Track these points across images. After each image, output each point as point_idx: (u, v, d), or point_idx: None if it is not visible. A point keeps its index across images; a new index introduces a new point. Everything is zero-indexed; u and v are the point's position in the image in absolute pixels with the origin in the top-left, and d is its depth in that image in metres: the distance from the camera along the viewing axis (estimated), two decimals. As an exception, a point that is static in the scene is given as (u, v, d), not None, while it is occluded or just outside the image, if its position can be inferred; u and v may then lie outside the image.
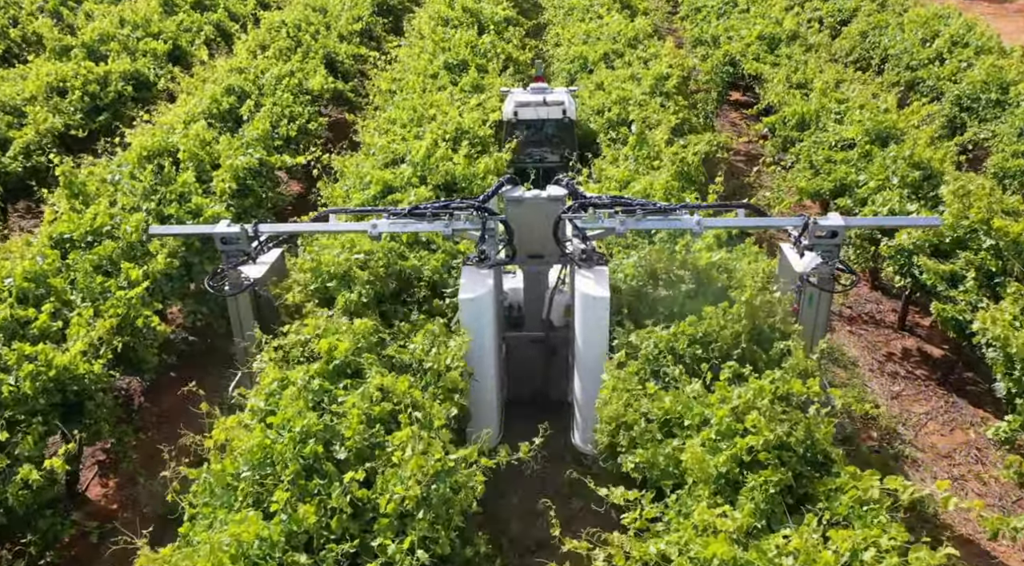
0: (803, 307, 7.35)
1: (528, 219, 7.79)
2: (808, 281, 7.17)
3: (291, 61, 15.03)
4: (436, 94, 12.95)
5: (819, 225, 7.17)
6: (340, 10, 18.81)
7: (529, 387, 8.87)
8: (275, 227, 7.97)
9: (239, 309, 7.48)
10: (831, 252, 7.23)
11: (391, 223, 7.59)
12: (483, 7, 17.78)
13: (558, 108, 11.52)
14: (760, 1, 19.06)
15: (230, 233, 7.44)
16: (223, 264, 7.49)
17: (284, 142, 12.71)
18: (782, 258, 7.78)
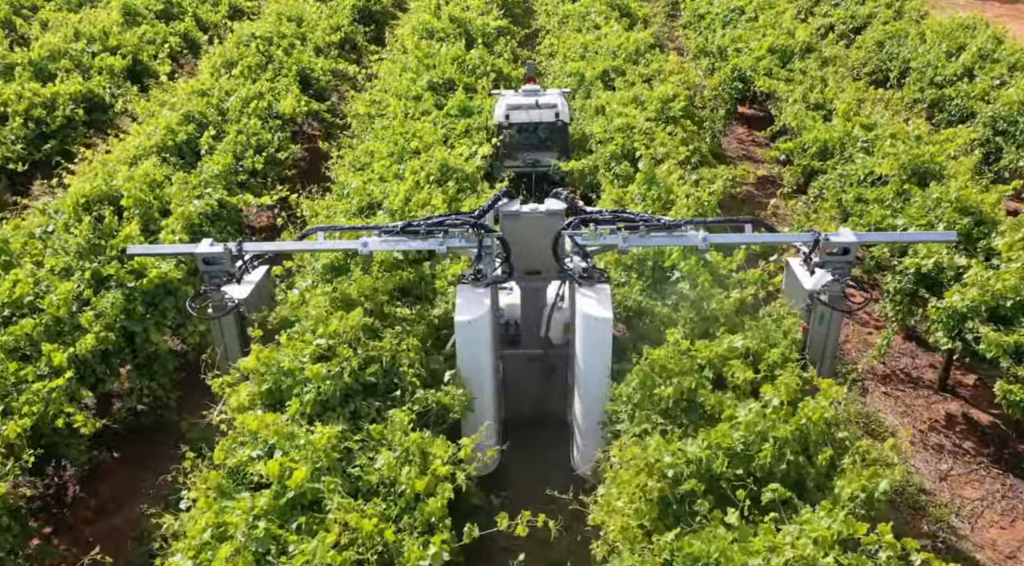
0: (813, 326, 7.10)
1: (525, 234, 7.51)
2: (819, 299, 6.91)
3: (260, 80, 13.68)
4: (419, 123, 11.62)
5: (830, 242, 6.89)
6: (317, 19, 17.43)
7: (527, 405, 8.57)
8: (261, 246, 7.61)
9: (223, 333, 7.19)
10: (842, 269, 6.94)
11: (382, 241, 7.24)
12: (471, 17, 16.43)
13: (551, 111, 11.17)
14: (768, 9, 17.76)
15: (212, 253, 7.07)
16: (205, 285, 7.17)
17: (250, 175, 11.39)
18: (789, 273, 7.54)
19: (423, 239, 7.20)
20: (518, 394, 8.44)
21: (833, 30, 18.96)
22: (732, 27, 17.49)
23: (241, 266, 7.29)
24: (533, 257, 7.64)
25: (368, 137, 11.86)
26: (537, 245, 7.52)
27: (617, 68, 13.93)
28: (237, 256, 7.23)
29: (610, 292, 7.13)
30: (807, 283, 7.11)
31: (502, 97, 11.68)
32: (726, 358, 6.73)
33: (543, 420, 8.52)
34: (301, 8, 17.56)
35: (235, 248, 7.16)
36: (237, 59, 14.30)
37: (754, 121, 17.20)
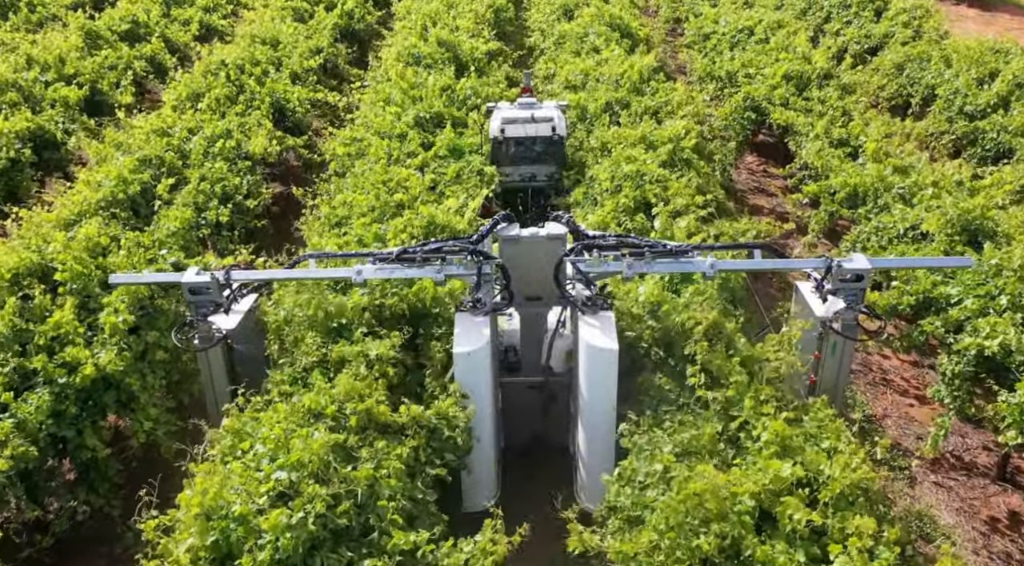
0: (825, 356, 6.90)
1: (526, 259, 7.30)
2: (831, 328, 6.75)
3: (229, 115, 12.40)
4: (404, 169, 10.38)
5: (843, 268, 6.70)
6: (295, 41, 16.14)
7: (527, 433, 8.32)
8: (250, 274, 7.32)
9: (210, 365, 6.95)
10: (856, 297, 6.74)
11: (377, 269, 6.97)
12: (461, 40, 15.18)
13: (547, 125, 10.88)
14: (779, 29, 16.58)
15: (199, 283, 6.82)
16: (192, 315, 6.93)
17: (213, 229, 10.12)
18: (798, 298, 7.30)
19: (420, 267, 6.94)
20: (518, 422, 8.13)
21: (847, 50, 17.82)
22: (741, 49, 16.30)
23: (229, 295, 7.00)
24: (534, 282, 7.40)
25: (347, 182, 10.60)
26: (538, 270, 7.29)
27: (621, 100, 12.72)
28: (225, 285, 6.95)
29: (614, 320, 6.83)
30: (818, 310, 6.90)
31: (498, 110, 11.23)
32: (775, 493, 5.52)
33: (544, 448, 8.29)
34: (277, 30, 16.28)
35: (223, 277, 6.89)
36: (205, 90, 13.00)
37: (764, 147, 16.00)
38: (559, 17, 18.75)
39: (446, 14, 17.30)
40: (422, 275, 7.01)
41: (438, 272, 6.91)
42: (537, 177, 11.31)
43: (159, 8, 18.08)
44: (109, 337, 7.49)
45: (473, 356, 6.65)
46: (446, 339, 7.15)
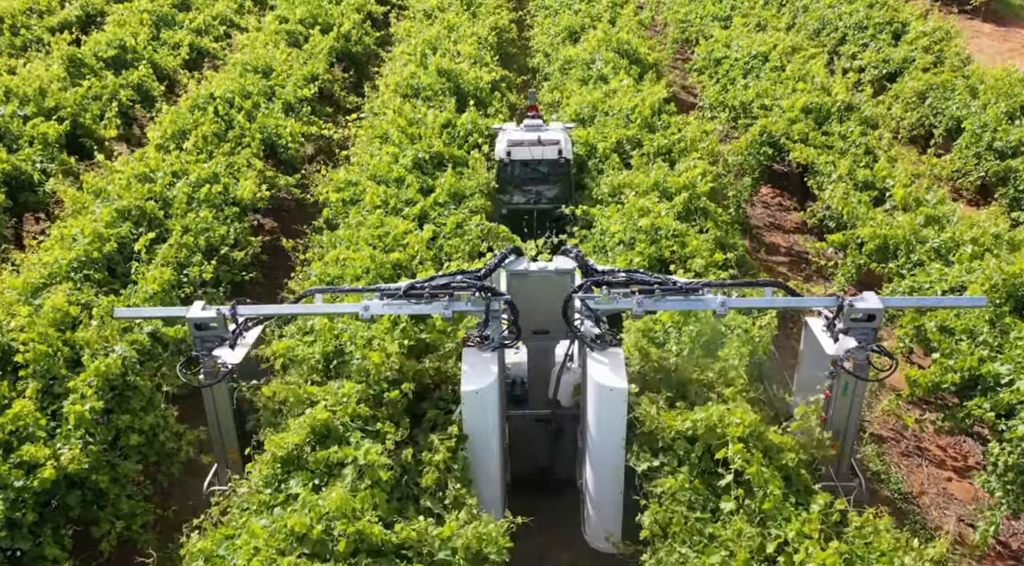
0: (836, 396, 6.86)
1: (533, 294, 7.18)
2: (843, 368, 6.71)
3: (217, 155, 11.69)
4: (401, 222, 9.67)
5: (855, 308, 6.64)
6: (289, 69, 15.41)
7: (534, 466, 8.23)
8: (256, 309, 7.21)
9: (215, 400, 6.86)
10: (867, 336, 6.68)
11: (385, 305, 6.88)
12: (462, 70, 14.45)
13: (553, 148, 10.92)
14: (793, 53, 15.85)
15: (205, 318, 6.71)
16: (197, 350, 6.81)
17: (197, 288, 9.41)
18: (808, 335, 7.25)
19: (427, 302, 6.84)
20: (525, 455, 8.05)
21: (863, 74, 17.11)
22: (755, 77, 15.57)
23: (235, 330, 6.89)
24: (541, 317, 7.26)
25: (340, 235, 9.88)
26: (545, 305, 7.16)
27: (632, 138, 12.00)
28: (231, 320, 6.84)
29: (623, 357, 6.78)
30: (829, 348, 6.88)
31: (503, 132, 11.29)
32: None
33: (550, 481, 8.26)
34: (270, 57, 15.54)
35: (229, 312, 6.79)
36: (191, 127, 12.27)
37: (778, 177, 15.24)
38: (564, 39, 18.03)
39: (447, 39, 16.58)
40: (430, 311, 6.92)
41: (446, 308, 6.82)
42: (543, 199, 11.27)
43: (148, 31, 17.34)
44: (74, 428, 6.77)
45: (481, 394, 6.55)
46: (448, 425, 6.71)
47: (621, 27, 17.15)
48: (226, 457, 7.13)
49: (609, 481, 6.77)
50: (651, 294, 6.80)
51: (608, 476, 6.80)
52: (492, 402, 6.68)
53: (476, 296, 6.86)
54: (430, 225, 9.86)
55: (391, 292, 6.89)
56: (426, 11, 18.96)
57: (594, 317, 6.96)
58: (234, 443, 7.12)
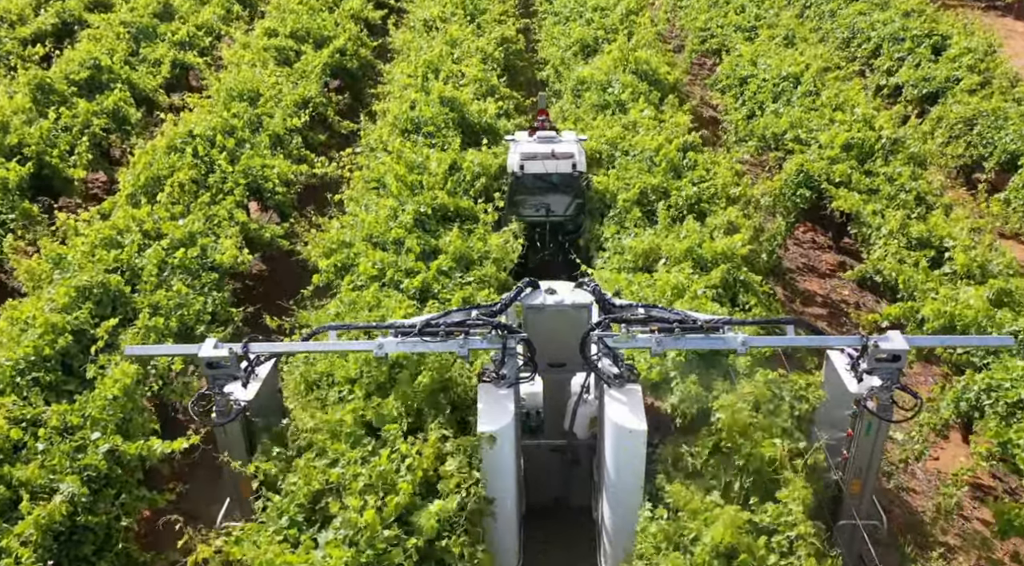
0: (859, 436, 6.74)
1: (550, 327, 7.18)
2: (866, 408, 6.58)
3: (194, 210, 10.47)
4: (400, 299, 8.46)
5: (880, 348, 6.49)
6: (278, 93, 14.13)
7: (549, 495, 8.23)
8: (268, 347, 7.12)
9: (228, 438, 6.73)
10: (892, 376, 6.55)
11: (399, 342, 6.77)
12: (466, 99, 13.16)
13: (567, 162, 10.70)
14: (826, 74, 14.52)
15: (217, 357, 6.63)
16: (209, 388, 6.72)
17: (166, 384, 8.24)
18: (830, 370, 7.09)
19: (442, 341, 6.71)
20: (539, 484, 7.98)
21: (901, 95, 15.81)
22: (786, 102, 14.27)
23: (247, 368, 6.77)
24: (558, 350, 7.26)
25: (331, 312, 8.68)
26: (562, 338, 7.14)
27: (658, 187, 10.74)
28: (243, 357, 6.73)
29: (641, 394, 6.67)
30: (852, 387, 6.74)
31: (516, 144, 11.09)
32: None
33: (565, 510, 8.26)
34: (258, 80, 14.24)
35: (241, 349, 6.70)
36: (167, 173, 11.03)
37: (817, 216, 13.96)
38: (576, 53, 16.72)
39: (448, 57, 15.27)
40: (445, 349, 6.76)
41: (461, 347, 6.68)
42: (556, 212, 11.09)
43: (126, 47, 16.01)
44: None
45: (498, 434, 6.46)
46: None
47: (638, 42, 15.83)
48: (239, 493, 6.95)
49: (627, 520, 6.64)
50: (671, 332, 6.64)
51: (626, 515, 6.68)
52: (509, 441, 6.59)
53: (492, 334, 6.72)
54: (433, 303, 8.66)
55: (406, 330, 6.72)
56: (426, 21, 17.61)
57: (612, 355, 6.77)
58: (247, 479, 6.76)
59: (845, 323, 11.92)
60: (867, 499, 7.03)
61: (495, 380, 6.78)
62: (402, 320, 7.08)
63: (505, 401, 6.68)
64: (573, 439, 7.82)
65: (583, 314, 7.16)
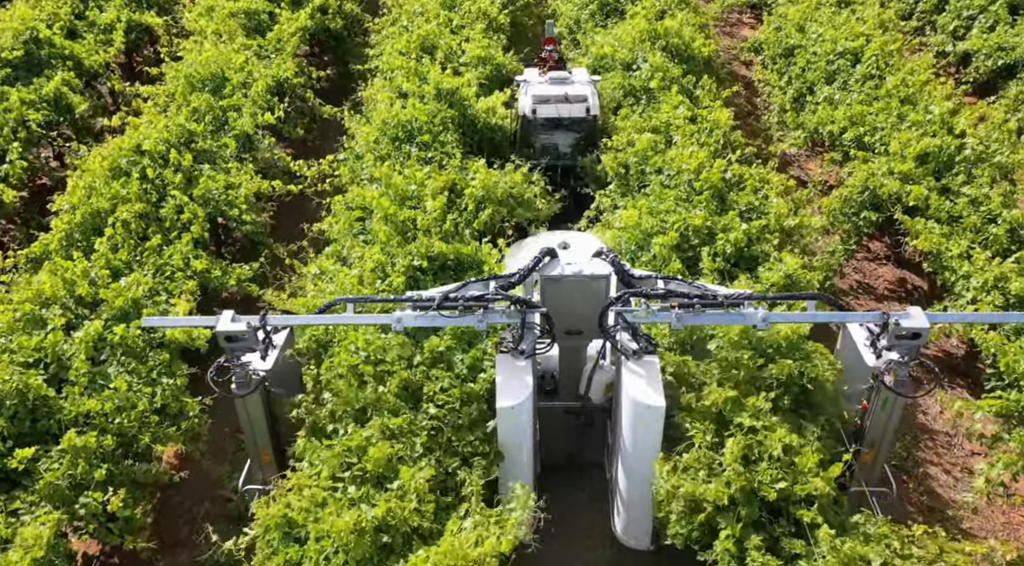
0: (874, 410, 6.71)
1: (567, 297, 7.11)
2: (883, 383, 6.52)
3: (144, 262, 8.68)
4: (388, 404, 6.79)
5: (901, 326, 6.34)
6: (248, 76, 12.03)
7: (563, 453, 8.31)
8: (285, 319, 7.13)
9: (248, 408, 6.79)
10: (911, 352, 6.45)
11: (417, 316, 6.71)
12: (468, 94, 11.11)
13: (581, 105, 10.70)
14: (889, 56, 12.35)
15: (235, 331, 6.48)
16: (227, 359, 6.64)
17: (99, 525, 6.65)
18: (847, 340, 7.09)
19: (461, 314, 6.71)
20: (554, 442, 8.04)
21: (969, 67, 13.65)
22: (841, 85, 12.16)
23: (265, 339, 6.75)
24: (575, 318, 7.26)
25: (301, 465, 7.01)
26: (579, 307, 7.15)
27: (700, 229, 8.86)
28: (260, 328, 6.67)
29: (659, 367, 6.72)
30: (870, 360, 6.74)
31: (527, 84, 10.94)
32: None
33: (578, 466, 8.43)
34: (224, 59, 12.10)
35: (258, 322, 6.61)
36: (108, 210, 9.16)
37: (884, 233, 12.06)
38: (593, 13, 14.47)
39: (446, 28, 13.08)
40: (463, 323, 6.82)
41: (480, 321, 6.71)
42: (568, 156, 11.01)
43: (68, 9, 13.73)
44: None
45: (516, 409, 6.58)
46: None
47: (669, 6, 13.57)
48: (259, 459, 7.12)
49: (642, 488, 6.81)
50: (691, 307, 6.61)
51: (641, 486, 6.82)
52: (527, 413, 6.70)
53: (512, 309, 6.72)
54: (427, 407, 6.96)
55: (424, 303, 6.67)
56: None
57: (631, 329, 6.76)
58: (267, 446, 7.06)
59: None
60: (879, 468, 7.06)
61: (513, 351, 6.79)
62: (420, 292, 6.91)
63: (523, 374, 6.72)
64: (588, 402, 7.86)
65: (601, 285, 7.09)
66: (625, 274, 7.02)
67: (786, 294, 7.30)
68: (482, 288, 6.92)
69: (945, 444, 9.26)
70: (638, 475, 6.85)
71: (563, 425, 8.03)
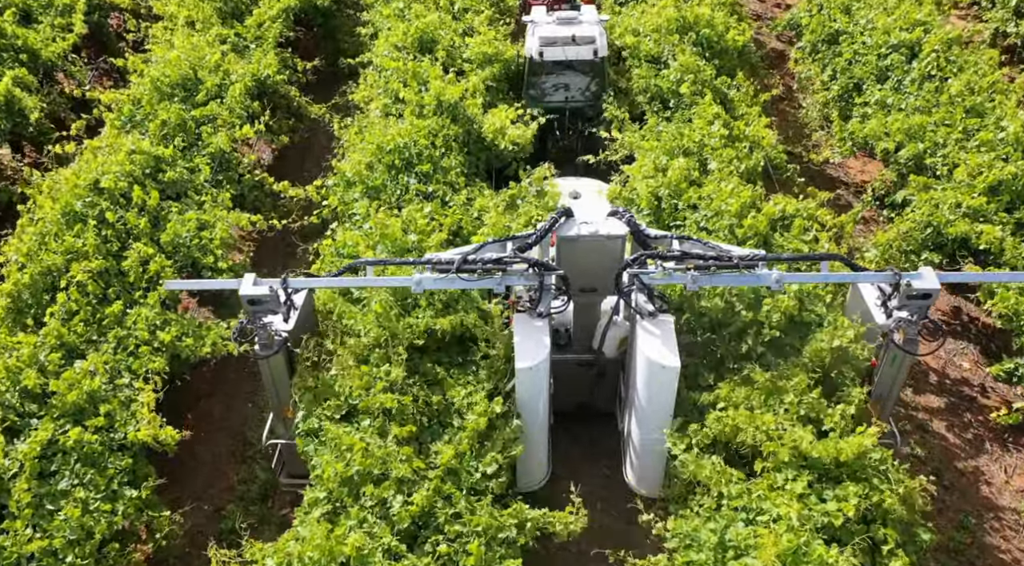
0: (883, 366, 6.89)
1: (583, 257, 7.28)
2: (892, 341, 6.67)
3: (107, 335, 7.53)
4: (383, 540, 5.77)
5: (913, 287, 6.44)
6: (224, 76, 10.62)
7: (575, 401, 8.41)
8: (307, 282, 7.08)
9: (271, 367, 6.93)
10: (920, 311, 6.56)
11: (436, 279, 6.80)
12: (475, 109, 9.74)
13: (588, 47, 10.53)
14: (953, 52, 10.86)
15: (258, 295, 6.57)
16: (248, 320, 6.74)
17: None
18: (855, 300, 7.20)
19: (480, 278, 6.78)
20: (566, 392, 7.97)
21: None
22: (894, 87, 10.75)
23: (286, 302, 6.80)
24: (590, 277, 7.43)
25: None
26: (594, 266, 7.31)
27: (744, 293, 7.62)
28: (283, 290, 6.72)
29: (673, 326, 6.81)
30: (880, 318, 6.82)
31: (534, 24, 10.80)
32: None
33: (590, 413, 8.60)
34: (199, 57, 10.66)
35: (280, 285, 6.68)
36: (61, 265, 7.95)
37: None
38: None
39: (448, 13, 11.57)
40: (482, 286, 6.85)
41: (498, 284, 6.80)
42: (576, 97, 10.95)
43: (22, -10, 12.19)
44: None
45: (534, 369, 6.67)
46: None
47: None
48: (281, 414, 7.24)
49: (656, 444, 6.96)
50: (707, 270, 6.68)
51: (655, 441, 6.95)
52: (544, 373, 6.82)
53: (530, 272, 6.83)
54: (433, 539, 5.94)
55: (443, 267, 6.72)
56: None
57: (647, 290, 6.84)
58: (288, 402, 7.10)
59: (969, 423, 9.19)
60: (885, 419, 7.08)
61: (530, 310, 6.88)
62: (439, 254, 6.97)
63: (540, 334, 6.81)
64: (601, 356, 7.92)
65: (617, 244, 7.22)
66: (641, 234, 7.07)
67: (802, 255, 7.40)
68: (499, 249, 7.02)
69: (1014, 524, 8.28)
70: (652, 430, 7.01)
71: (576, 376, 8.16)
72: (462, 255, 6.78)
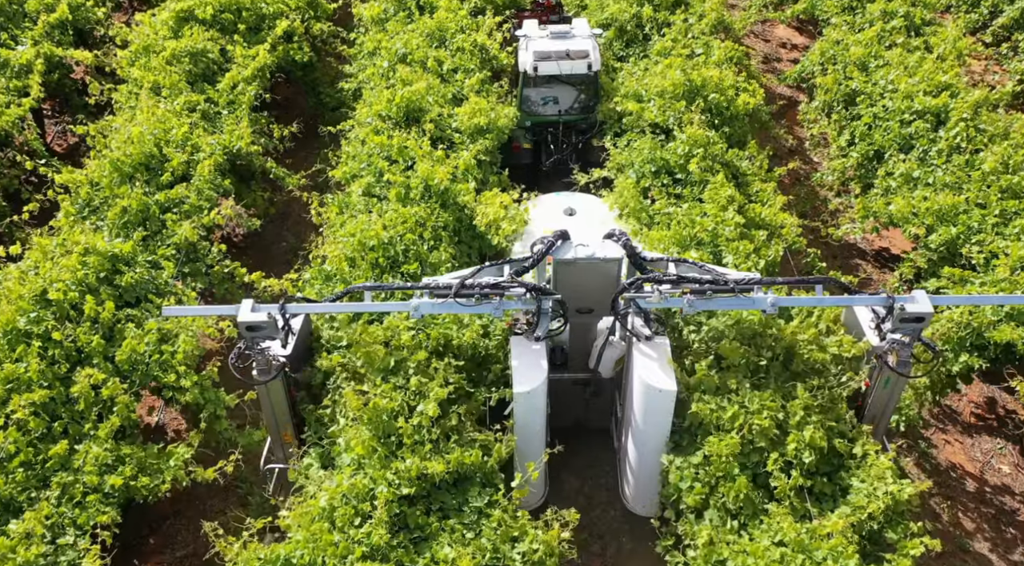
0: (876, 388, 6.88)
1: (579, 279, 7.40)
2: (886, 364, 6.68)
3: (50, 484, 6.62)
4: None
5: (906, 311, 6.45)
6: (193, 151, 9.75)
7: (571, 417, 8.56)
8: (305, 307, 7.16)
9: (269, 392, 6.89)
10: (913, 334, 6.59)
11: (434, 303, 6.82)
12: (468, 196, 8.88)
13: (583, 62, 10.56)
14: (981, 118, 10.04)
15: (256, 321, 6.53)
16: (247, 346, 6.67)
17: None
18: (850, 321, 7.23)
19: (478, 302, 6.78)
20: (562, 409, 8.01)
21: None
22: (919, 157, 9.92)
23: (284, 327, 6.76)
24: (586, 298, 7.52)
25: None
26: (591, 288, 7.41)
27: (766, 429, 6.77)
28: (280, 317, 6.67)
29: (670, 348, 6.92)
30: (873, 339, 6.89)
31: (527, 39, 10.87)
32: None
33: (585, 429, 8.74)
34: (165, 130, 9.77)
35: (278, 310, 6.65)
36: (1, 398, 7.06)
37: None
38: (611, 40, 12.06)
39: (435, 76, 10.70)
40: (480, 311, 6.86)
41: (496, 309, 6.79)
42: (569, 111, 11.10)
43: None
44: None
45: (532, 393, 6.74)
46: None
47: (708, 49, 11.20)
48: (280, 438, 7.20)
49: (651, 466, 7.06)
50: (703, 294, 6.66)
51: (650, 464, 7.05)
52: (542, 396, 6.85)
53: (528, 296, 6.81)
54: None
55: (442, 292, 6.71)
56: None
57: (644, 316, 6.89)
58: (287, 427, 7.12)
59: (1015, 541, 8.38)
60: (878, 438, 7.03)
61: (527, 333, 6.93)
62: (436, 278, 7.00)
63: (538, 357, 6.86)
64: (597, 375, 7.90)
65: (613, 267, 7.30)
66: (637, 257, 7.10)
67: (796, 279, 7.29)
68: (496, 273, 6.99)
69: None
70: (649, 452, 7.10)
71: (572, 394, 8.27)
72: (460, 279, 6.74)
